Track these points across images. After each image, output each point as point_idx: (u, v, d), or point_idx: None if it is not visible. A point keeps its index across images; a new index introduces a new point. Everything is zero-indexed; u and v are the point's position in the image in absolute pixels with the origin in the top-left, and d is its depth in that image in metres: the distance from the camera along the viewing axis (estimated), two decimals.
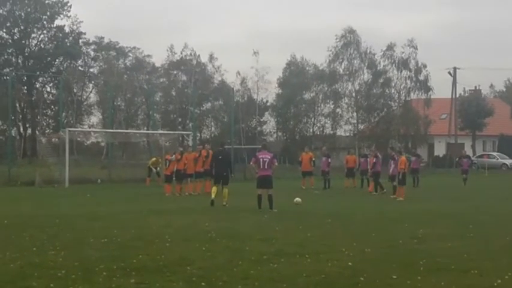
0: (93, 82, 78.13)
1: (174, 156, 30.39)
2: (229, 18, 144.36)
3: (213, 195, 23.25)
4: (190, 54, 77.60)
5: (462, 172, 41.62)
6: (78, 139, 51.44)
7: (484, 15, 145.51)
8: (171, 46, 78.31)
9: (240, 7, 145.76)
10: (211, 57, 76.98)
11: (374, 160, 31.91)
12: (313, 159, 36.24)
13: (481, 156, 72.50)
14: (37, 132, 71.54)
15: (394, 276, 10.48)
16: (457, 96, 77.89)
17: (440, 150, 79.40)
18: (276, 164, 22.35)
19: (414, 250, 13.28)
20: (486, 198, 29.09)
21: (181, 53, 77.70)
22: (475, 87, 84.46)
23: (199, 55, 77.49)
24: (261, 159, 21.70)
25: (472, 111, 75.03)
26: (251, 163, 23.23)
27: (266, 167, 21.58)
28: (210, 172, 29.58)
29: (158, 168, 36.74)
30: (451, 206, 24.73)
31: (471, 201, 27.54)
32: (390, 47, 71.07)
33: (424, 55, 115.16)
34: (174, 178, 30.48)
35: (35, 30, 77.14)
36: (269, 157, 21.80)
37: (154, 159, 37.81)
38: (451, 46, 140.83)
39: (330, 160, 36.54)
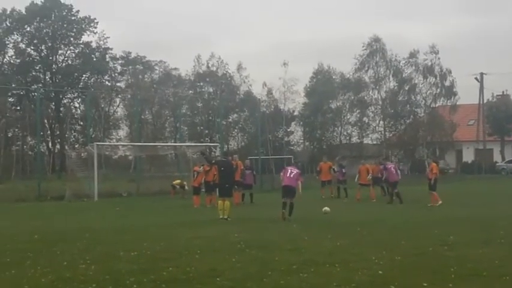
0: (120, 96, 78.64)
1: (202, 168, 30.34)
2: (256, 30, 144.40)
3: (221, 214, 22.16)
4: (218, 63, 77.83)
5: None
6: (106, 153, 51.54)
7: (506, 20, 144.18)
8: (198, 56, 78.55)
9: (265, 18, 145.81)
10: (240, 67, 77.05)
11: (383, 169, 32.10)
12: (333, 167, 36.08)
13: (510, 161, 71.86)
14: (66, 147, 72.07)
15: (425, 284, 10.40)
16: (485, 101, 77.38)
17: (468, 156, 78.81)
18: (302, 180, 22.93)
19: (444, 257, 13.19)
20: None
21: (207, 63, 77.94)
22: (503, 92, 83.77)
23: (227, 63, 77.67)
24: (289, 170, 22.52)
25: (500, 116, 74.41)
26: (281, 174, 23.54)
27: (292, 176, 22.19)
28: (239, 183, 29.66)
29: (186, 187, 36.66)
30: (481, 212, 24.54)
31: (501, 207, 27.31)
32: (413, 54, 70.97)
33: (449, 61, 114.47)
34: (203, 190, 30.40)
35: (62, 46, 77.98)
36: (296, 170, 22.58)
37: (178, 181, 37.78)
38: (477, 52, 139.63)
39: (344, 170, 36.41)
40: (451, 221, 20.68)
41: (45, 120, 69.23)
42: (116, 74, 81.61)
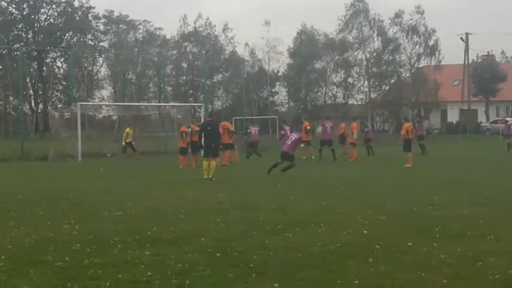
0: (103, 56, 78.13)
1: (190, 129, 30.11)
2: None
3: (205, 175, 22.14)
4: (205, 24, 77.64)
5: (506, 137, 40.14)
6: (90, 113, 51.38)
7: None
8: (184, 16, 78.35)
9: None
10: (226, 28, 76.93)
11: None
12: (308, 128, 35.59)
13: (495, 121, 72.14)
14: (49, 107, 71.72)
15: (410, 243, 10.44)
16: (470, 62, 77.44)
17: (453, 116, 79.10)
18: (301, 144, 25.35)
19: (429, 217, 13.24)
20: (501, 164, 28.95)
21: (195, 23, 77.72)
22: (488, 52, 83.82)
23: (215, 25, 77.70)
24: (290, 137, 24.39)
25: (486, 76, 74.57)
26: (281, 136, 25.07)
27: (290, 143, 23.58)
28: (227, 146, 29.63)
29: (132, 141, 35.42)
30: (465, 172, 24.65)
31: (486, 167, 27.44)
32: (398, 15, 71.07)
33: (434, 22, 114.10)
34: (189, 150, 30.24)
35: (44, 5, 77.07)
36: (296, 137, 24.17)
37: (127, 129, 36.44)
38: (462, 12, 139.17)
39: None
40: (436, 182, 20.76)
41: (28, 80, 68.69)
42: (99, 34, 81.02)
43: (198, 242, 10.76)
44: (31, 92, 72.04)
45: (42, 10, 77.28)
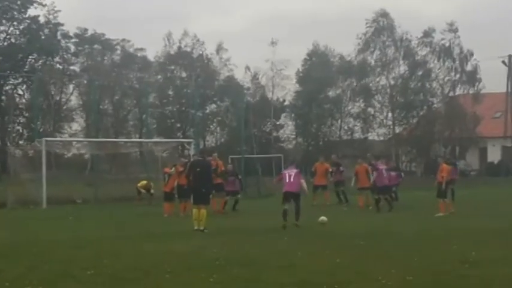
0: (74, 82, 78.26)
1: (174, 169, 30.18)
2: (239, 2, 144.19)
3: (195, 225, 22.09)
4: (192, 42, 77.72)
5: None
6: (57, 151, 51.35)
7: None
8: (169, 34, 78.45)
9: None
10: (220, 47, 76.98)
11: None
12: (330, 170, 35.99)
13: None
14: (8, 143, 71.75)
15: None
16: None
17: (494, 155, 78.90)
18: (303, 180, 23.79)
19: (465, 276, 13.25)
20: None
21: (180, 43, 77.85)
22: None
23: (203, 42, 77.65)
24: (287, 174, 23.70)
25: None
26: (276, 180, 24.13)
27: (292, 181, 23.21)
28: (219, 187, 29.43)
29: (152, 191, 36.57)
30: (509, 222, 24.60)
31: None
32: (428, 33, 71.04)
33: (471, 42, 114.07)
34: (176, 195, 30.30)
35: (3, 22, 77.33)
36: (294, 171, 23.67)
37: (144, 182, 37.63)
38: (504, 30, 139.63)
39: (342, 169, 36.54)
40: (473, 234, 20.75)
41: None
42: (69, 55, 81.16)
43: None
44: None
45: (1, 28, 77.62)
